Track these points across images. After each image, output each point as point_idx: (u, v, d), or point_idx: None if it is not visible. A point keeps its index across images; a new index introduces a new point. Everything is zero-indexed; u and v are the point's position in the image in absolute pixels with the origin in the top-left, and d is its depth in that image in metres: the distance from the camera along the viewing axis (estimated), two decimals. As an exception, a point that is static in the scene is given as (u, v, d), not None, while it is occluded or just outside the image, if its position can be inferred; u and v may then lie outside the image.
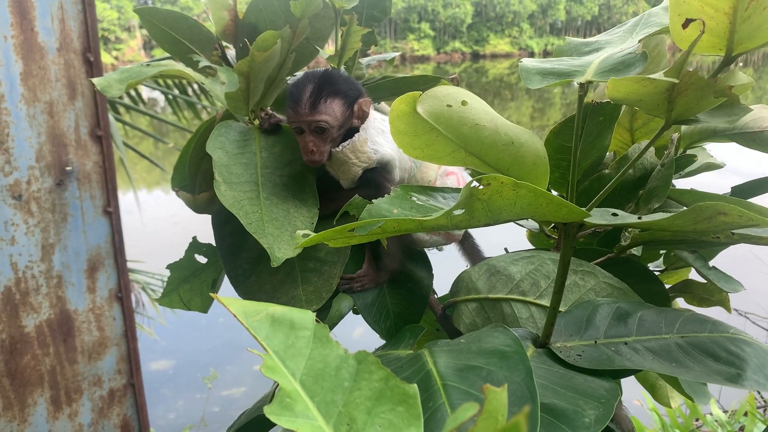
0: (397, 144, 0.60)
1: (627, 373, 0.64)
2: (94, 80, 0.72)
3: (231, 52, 0.87)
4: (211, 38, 0.86)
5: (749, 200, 0.80)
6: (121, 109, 3.60)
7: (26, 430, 1.30)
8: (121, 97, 3.22)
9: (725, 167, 1.03)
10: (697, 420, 2.77)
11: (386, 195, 0.56)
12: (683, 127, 0.95)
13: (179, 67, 0.74)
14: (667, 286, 1.05)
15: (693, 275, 1.10)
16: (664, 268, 1.10)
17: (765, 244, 0.65)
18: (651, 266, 1.09)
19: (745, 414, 2.71)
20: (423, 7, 65.01)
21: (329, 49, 0.85)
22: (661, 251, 1.05)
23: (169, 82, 3.81)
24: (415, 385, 0.39)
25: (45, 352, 1.31)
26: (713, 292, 1.04)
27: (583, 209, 0.53)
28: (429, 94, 0.58)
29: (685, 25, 0.49)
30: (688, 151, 0.97)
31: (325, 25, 0.84)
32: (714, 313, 0.77)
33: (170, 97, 3.78)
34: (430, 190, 0.61)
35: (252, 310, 0.42)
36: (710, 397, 0.88)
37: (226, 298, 0.43)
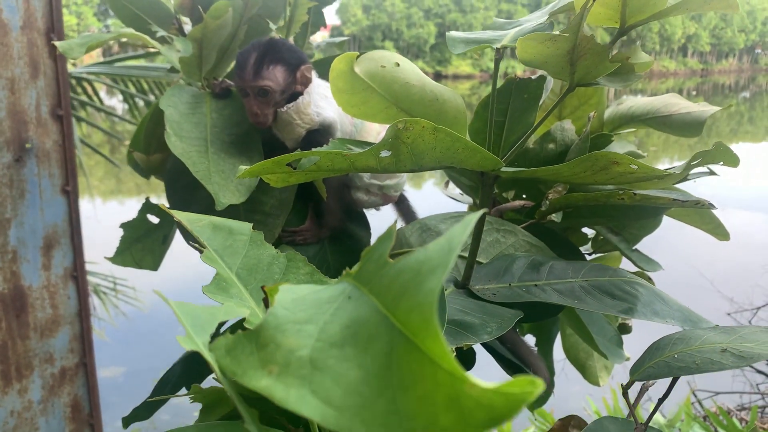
0: (337, 101, 0.67)
1: (537, 313, 0.71)
2: (57, 43, 0.78)
3: (188, 28, 0.93)
4: (170, 14, 0.92)
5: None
6: (80, 111, 3.58)
7: (-25, 402, 1.32)
8: (77, 93, 3.22)
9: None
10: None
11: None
12: (606, 114, 1.04)
13: (137, 33, 0.80)
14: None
15: (624, 264, 1.17)
16: (592, 251, 1.19)
17: (662, 204, 0.74)
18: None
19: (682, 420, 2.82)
20: (387, 26, 65.67)
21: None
22: (586, 232, 1.13)
23: (131, 86, 3.81)
24: (337, 279, 0.46)
25: (-3, 325, 1.33)
26: (641, 278, 1.13)
27: (496, 157, 0.60)
28: (365, 57, 0.65)
29: (579, -4, 0.57)
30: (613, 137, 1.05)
31: (278, 4, 0.90)
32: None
33: (131, 101, 3.78)
34: (365, 144, 0.67)
35: (195, 219, 0.48)
36: (624, 358, 0.96)
37: (173, 211, 0.49)
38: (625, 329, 1.13)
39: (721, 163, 0.65)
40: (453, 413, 0.20)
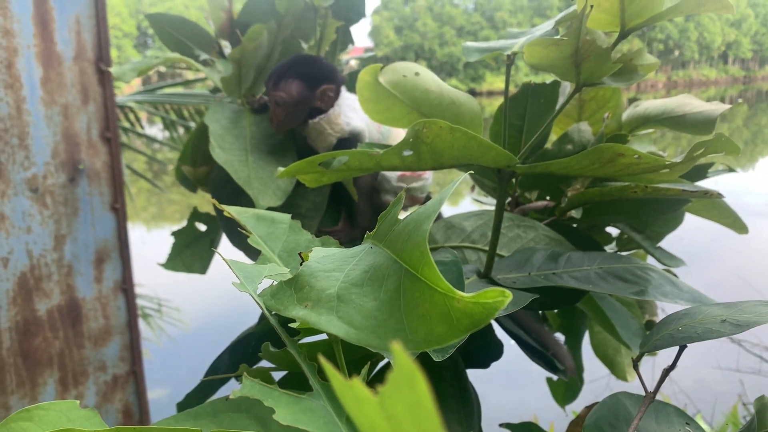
0: (364, 109, 0.73)
1: (556, 300, 0.76)
2: (111, 69, 0.86)
3: (227, 51, 1.01)
4: (210, 39, 1.00)
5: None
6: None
7: (36, 408, 1.40)
8: (120, 120, 3.36)
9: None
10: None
11: None
12: (623, 116, 1.09)
13: (182, 57, 0.88)
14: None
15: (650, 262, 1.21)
16: (617, 250, 1.23)
17: (672, 195, 0.78)
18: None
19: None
20: (420, 46, 66.10)
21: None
22: (609, 230, 1.17)
23: (171, 113, 3.96)
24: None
25: (55, 335, 1.42)
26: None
27: (510, 153, 0.66)
28: (388, 68, 0.72)
29: (580, 4, 0.63)
30: (631, 138, 1.10)
31: (309, 26, 0.98)
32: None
33: (171, 128, 3.92)
34: (389, 147, 0.74)
35: (242, 211, 0.55)
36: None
37: (223, 206, 0.56)
38: (651, 326, 1.17)
39: (723, 153, 0.69)
40: (445, 324, 0.26)
